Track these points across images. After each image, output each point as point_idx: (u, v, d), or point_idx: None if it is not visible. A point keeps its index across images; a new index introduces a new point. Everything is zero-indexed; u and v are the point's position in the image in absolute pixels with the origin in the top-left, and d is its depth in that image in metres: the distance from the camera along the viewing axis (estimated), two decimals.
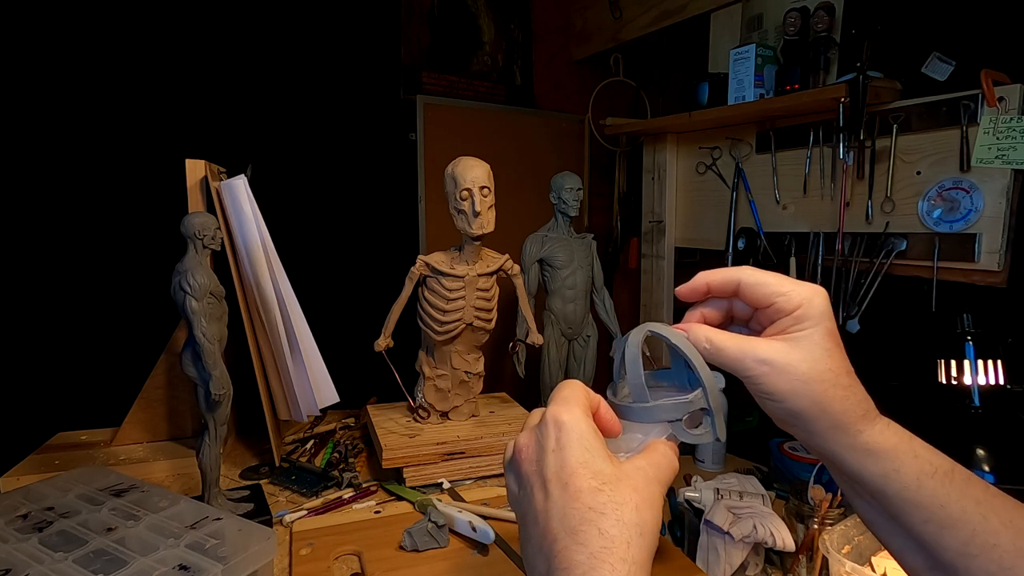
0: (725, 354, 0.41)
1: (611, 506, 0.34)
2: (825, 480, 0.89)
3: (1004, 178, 0.88)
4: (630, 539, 0.34)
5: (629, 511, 0.34)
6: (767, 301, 0.41)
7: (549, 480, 0.36)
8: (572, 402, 0.39)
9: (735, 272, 0.43)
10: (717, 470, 1.22)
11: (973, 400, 0.95)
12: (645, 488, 0.36)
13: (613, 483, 0.35)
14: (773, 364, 0.39)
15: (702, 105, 1.25)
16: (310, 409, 1.04)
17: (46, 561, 0.58)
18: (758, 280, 0.42)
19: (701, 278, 0.45)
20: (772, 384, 0.39)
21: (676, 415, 0.42)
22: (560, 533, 0.35)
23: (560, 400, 0.39)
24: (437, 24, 1.61)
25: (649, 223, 1.50)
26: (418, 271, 0.97)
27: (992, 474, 0.89)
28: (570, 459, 0.36)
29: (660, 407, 0.42)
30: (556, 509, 0.35)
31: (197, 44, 1.31)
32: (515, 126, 1.72)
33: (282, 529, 0.82)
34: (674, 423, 0.42)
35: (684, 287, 0.46)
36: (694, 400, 0.42)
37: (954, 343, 0.97)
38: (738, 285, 0.43)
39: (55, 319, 1.23)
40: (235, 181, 0.96)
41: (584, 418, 0.38)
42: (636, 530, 0.34)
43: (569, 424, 0.37)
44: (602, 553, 0.33)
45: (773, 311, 0.41)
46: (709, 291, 0.45)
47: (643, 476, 0.37)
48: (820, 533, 0.75)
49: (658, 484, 0.38)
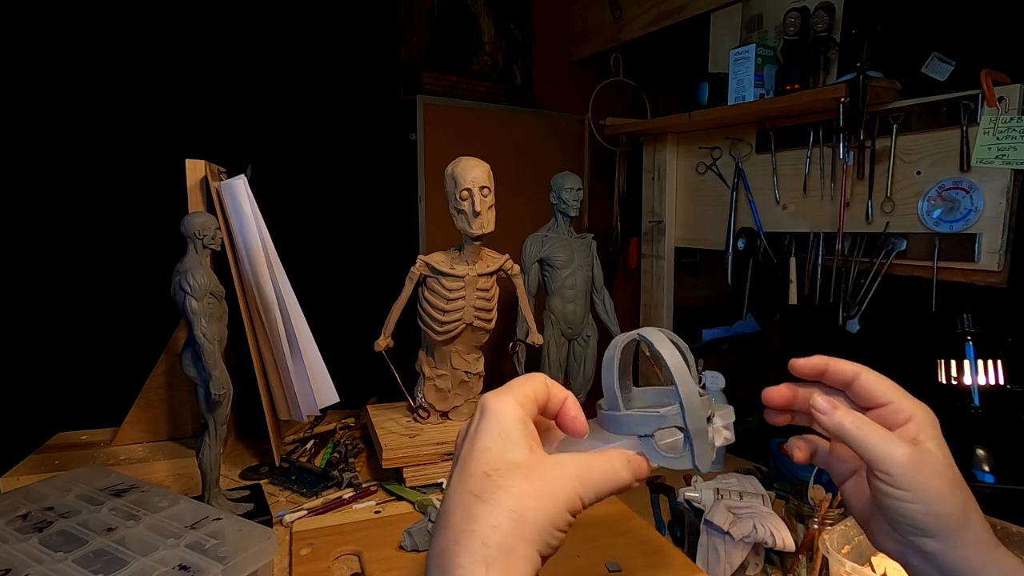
0: (873, 439, 0.39)
1: (491, 490, 0.33)
2: (825, 480, 0.89)
3: (1004, 178, 0.88)
4: (499, 522, 0.32)
5: (507, 496, 0.32)
6: (882, 400, 0.42)
7: (457, 462, 0.36)
8: (510, 390, 0.37)
9: (855, 366, 0.44)
10: (717, 470, 1.22)
11: (973, 400, 0.94)
12: (547, 480, 0.34)
13: (507, 470, 0.34)
14: (925, 461, 0.38)
15: (702, 105, 1.25)
16: (310, 409, 1.04)
17: (46, 561, 0.58)
18: (877, 380, 0.43)
19: (820, 360, 0.45)
20: (923, 481, 0.37)
21: (645, 429, 0.39)
22: (439, 518, 0.34)
23: (502, 388, 0.38)
24: (437, 24, 1.61)
25: (649, 223, 1.50)
26: (418, 271, 0.97)
27: (992, 474, 0.89)
28: (478, 444, 0.35)
29: (628, 418, 0.39)
30: (448, 493, 0.34)
31: (197, 44, 1.31)
32: (515, 126, 1.72)
33: (282, 529, 0.82)
34: (644, 439, 0.39)
35: (802, 362, 0.46)
36: (666, 416, 0.38)
37: (954, 343, 0.97)
38: (855, 380, 0.43)
39: (55, 319, 1.23)
40: (235, 181, 0.96)
41: (511, 406, 0.36)
42: (508, 516, 0.32)
43: (491, 410, 0.36)
44: (463, 536, 0.32)
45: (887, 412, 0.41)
46: (824, 375, 0.45)
47: (556, 470, 0.35)
48: (820, 533, 0.75)
49: (574, 482, 0.35)
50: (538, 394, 0.38)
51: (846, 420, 0.40)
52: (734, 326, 1.61)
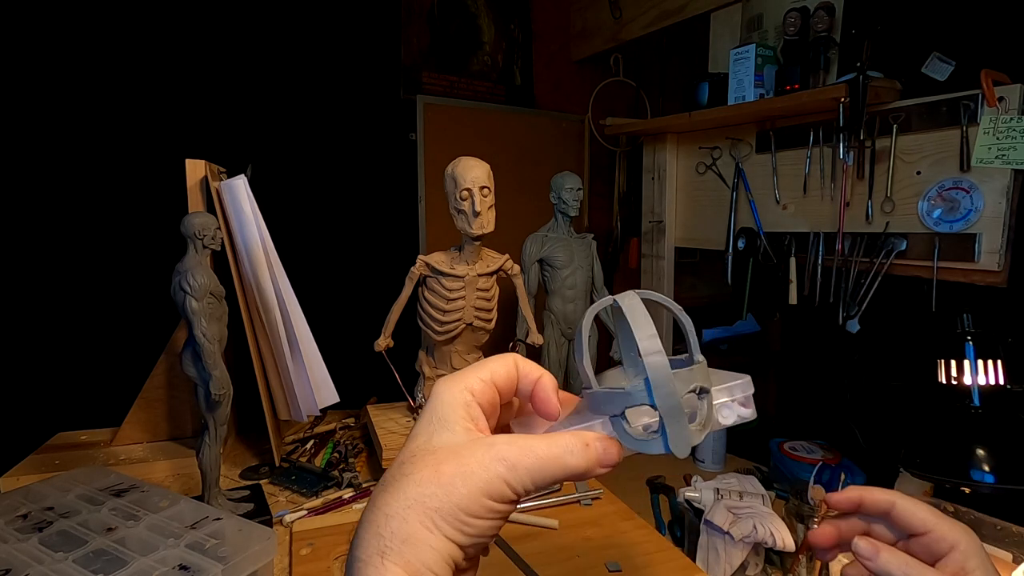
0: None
1: (398, 479, 0.32)
2: (825, 480, 0.89)
3: (1004, 178, 0.88)
4: (391, 511, 0.31)
5: (408, 483, 0.31)
6: (921, 529, 0.43)
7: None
8: (463, 373, 0.36)
9: (889, 495, 0.45)
10: (717, 470, 1.22)
11: (973, 400, 0.94)
12: (459, 466, 0.31)
13: (422, 456, 0.32)
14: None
15: (702, 105, 1.25)
16: (310, 409, 1.04)
17: (46, 561, 0.58)
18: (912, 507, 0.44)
19: (855, 492, 0.47)
20: None
21: (613, 408, 0.34)
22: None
23: (457, 372, 0.36)
24: (437, 24, 1.61)
25: (649, 223, 1.50)
26: (418, 271, 0.97)
27: (992, 474, 0.89)
28: (412, 431, 0.34)
29: (597, 395, 0.35)
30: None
31: (197, 44, 1.31)
32: (515, 126, 1.72)
33: (282, 529, 0.82)
34: (615, 419, 0.34)
35: (838, 496, 0.48)
36: (633, 393, 0.33)
37: (954, 343, 0.97)
38: (892, 508, 0.45)
39: (55, 319, 1.23)
40: (235, 181, 0.96)
41: (454, 390, 0.34)
42: (403, 503, 0.31)
43: (433, 395, 0.35)
44: (362, 528, 0.31)
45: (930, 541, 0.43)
46: (860, 507, 0.47)
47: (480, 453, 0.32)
48: None
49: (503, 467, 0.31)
50: (497, 375, 0.36)
51: (891, 564, 0.42)
52: (734, 326, 1.62)
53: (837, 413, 1.30)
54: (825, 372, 1.43)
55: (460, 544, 0.31)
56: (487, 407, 0.35)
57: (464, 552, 0.31)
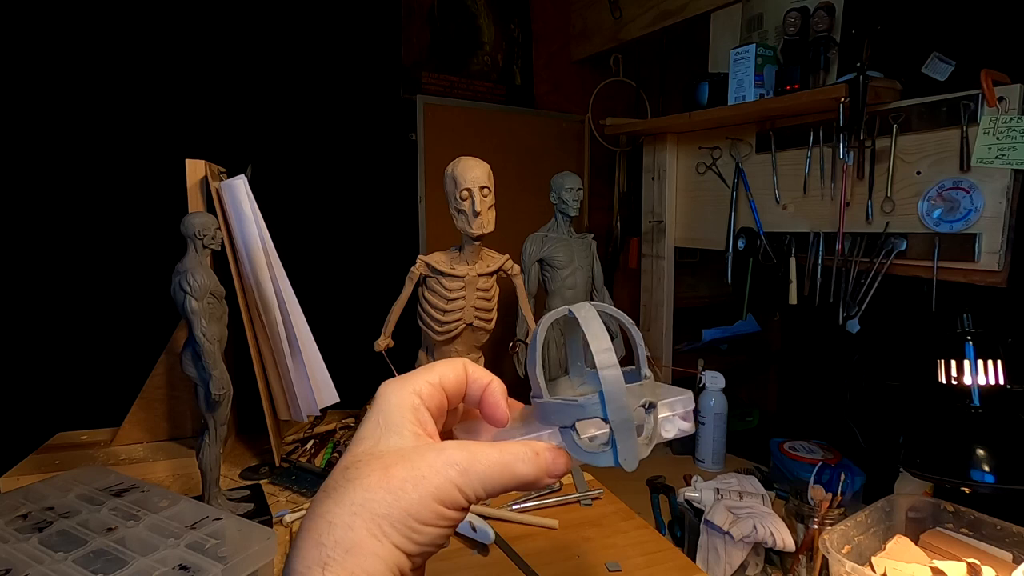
0: None
1: (340, 484, 0.30)
2: (825, 480, 0.89)
3: (1004, 178, 0.88)
4: (335, 519, 0.29)
5: (353, 489, 0.30)
6: None
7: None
8: (410, 376, 0.35)
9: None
10: (717, 470, 1.22)
11: (973, 400, 0.94)
12: (412, 470, 0.30)
13: (368, 461, 0.31)
14: None
15: (702, 105, 1.25)
16: (310, 409, 1.04)
17: (46, 561, 0.58)
18: None
19: None
20: None
21: (564, 420, 0.34)
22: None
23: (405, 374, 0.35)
24: (437, 24, 1.61)
25: (649, 223, 1.50)
26: (418, 271, 0.97)
27: (992, 474, 0.89)
28: (356, 435, 0.33)
29: (548, 406, 0.35)
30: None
31: (197, 44, 1.31)
32: (515, 126, 1.72)
33: (282, 529, 0.82)
34: (564, 431, 0.34)
35: None
36: (586, 405, 0.33)
37: (954, 343, 0.97)
38: None
39: (55, 319, 1.23)
40: (235, 181, 0.96)
41: (400, 392, 0.33)
42: (348, 509, 0.29)
43: (379, 397, 0.34)
44: (300, 538, 0.29)
45: None
46: None
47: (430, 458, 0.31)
48: (820, 533, 0.75)
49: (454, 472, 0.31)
50: (446, 379, 0.35)
51: None
52: (734, 326, 1.62)
53: (837, 413, 1.30)
54: (825, 372, 1.43)
55: (408, 552, 0.30)
56: (435, 411, 0.35)
57: (411, 562, 0.30)
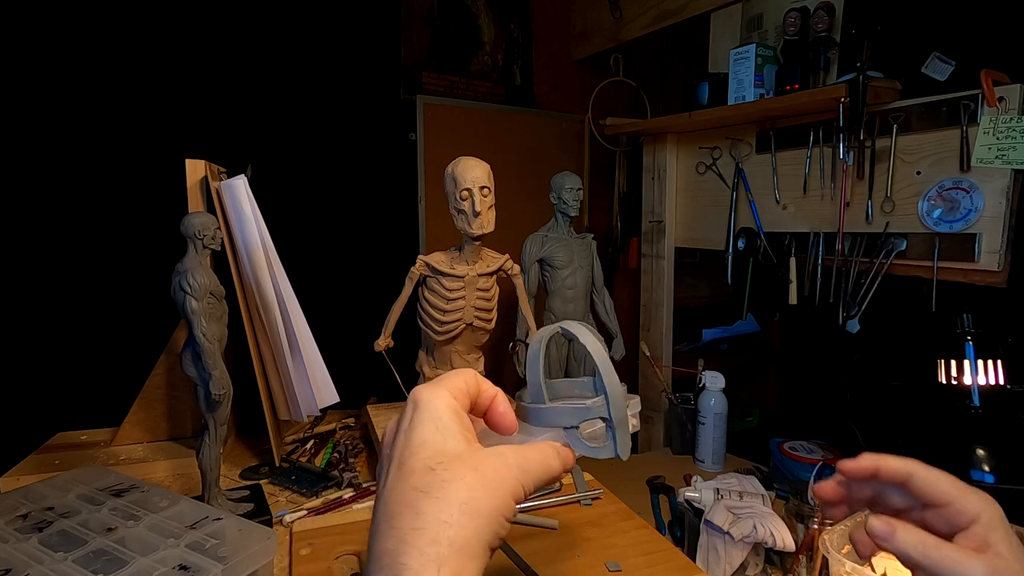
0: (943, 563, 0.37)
1: (436, 484, 0.31)
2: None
3: (1004, 178, 0.88)
4: (449, 519, 0.30)
5: (456, 489, 0.31)
6: (942, 501, 0.41)
7: (392, 460, 0.34)
8: (441, 384, 0.37)
9: (908, 464, 0.43)
10: (717, 470, 1.22)
11: (973, 400, 0.95)
12: (492, 470, 0.33)
13: (450, 462, 0.32)
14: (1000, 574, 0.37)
15: (702, 105, 1.25)
16: (310, 409, 1.04)
17: (46, 561, 0.58)
18: (931, 477, 0.41)
19: (870, 461, 0.44)
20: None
21: (571, 421, 0.40)
22: (381, 518, 0.32)
23: (431, 382, 0.37)
24: (437, 24, 1.61)
25: (649, 223, 1.50)
26: (418, 271, 0.97)
27: (992, 474, 0.89)
28: (414, 438, 0.34)
29: (554, 410, 0.40)
30: (386, 492, 0.33)
31: (197, 44, 1.31)
32: (515, 126, 1.72)
33: (282, 529, 0.82)
34: (569, 431, 0.40)
35: (850, 465, 0.45)
36: (592, 407, 0.40)
37: (954, 343, 0.97)
38: (909, 480, 0.42)
39: (55, 319, 1.23)
40: (235, 181, 0.96)
41: (445, 399, 0.36)
42: (460, 509, 0.31)
43: (424, 402, 0.35)
44: (411, 535, 0.30)
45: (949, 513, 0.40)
46: (876, 476, 0.44)
47: (498, 460, 0.34)
48: (820, 533, 0.75)
49: (517, 471, 0.34)
50: (469, 388, 0.38)
51: (908, 545, 0.39)
52: (734, 326, 1.62)
53: (837, 413, 1.30)
54: (825, 372, 1.44)
55: (492, 550, 0.32)
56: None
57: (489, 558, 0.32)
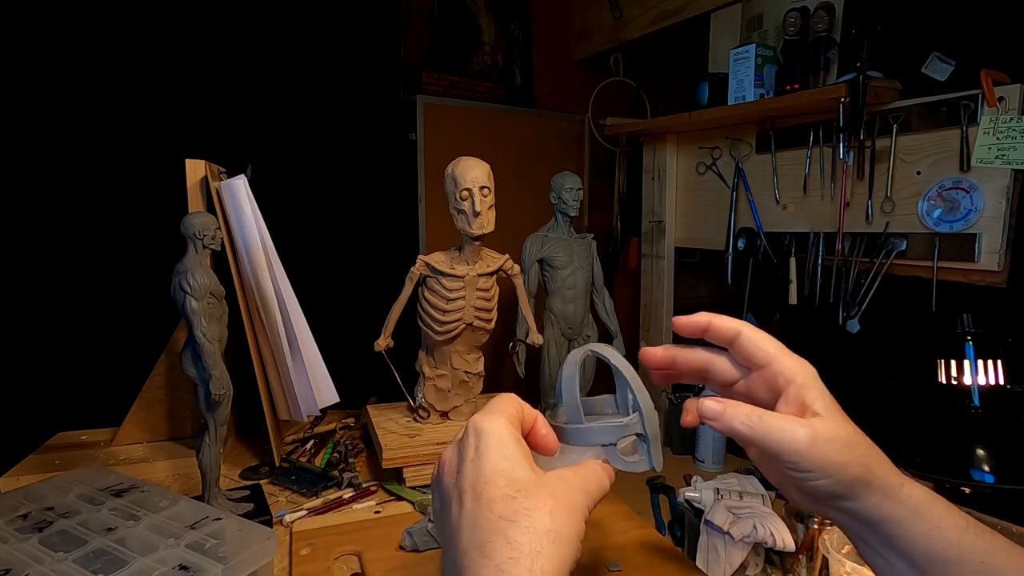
0: (768, 435, 0.38)
1: (522, 513, 0.33)
2: None
3: (1004, 178, 0.88)
4: (540, 548, 0.32)
5: (541, 517, 0.33)
6: (763, 360, 0.42)
7: (465, 491, 0.35)
8: (496, 411, 0.39)
9: (737, 323, 0.43)
10: (717, 470, 1.22)
11: (973, 400, 0.95)
12: (564, 495, 0.35)
13: (528, 490, 0.34)
14: (820, 436, 0.38)
15: (702, 105, 1.25)
16: (310, 409, 1.04)
17: (46, 561, 0.58)
18: (757, 336, 0.42)
19: (704, 316, 0.44)
20: (822, 457, 0.37)
21: (610, 439, 0.42)
22: (470, 547, 0.33)
23: (486, 409, 0.39)
24: (437, 24, 1.61)
25: (649, 223, 1.50)
26: (418, 271, 0.97)
27: (992, 474, 0.89)
28: (486, 467, 0.35)
29: (593, 429, 0.42)
30: (468, 521, 0.34)
31: (197, 44, 1.31)
32: (515, 126, 1.72)
33: (282, 529, 0.82)
34: (608, 447, 0.42)
35: (684, 320, 0.45)
36: (629, 424, 0.42)
37: (954, 343, 0.97)
38: (737, 337, 0.43)
39: (55, 319, 1.23)
40: (235, 181, 0.96)
41: (506, 426, 0.38)
42: (548, 537, 0.32)
43: (488, 431, 0.37)
44: (508, 564, 0.31)
45: (769, 376, 0.41)
46: (707, 331, 0.44)
47: (565, 484, 0.36)
48: (820, 533, 0.75)
49: (582, 494, 0.37)
50: (525, 415, 0.40)
51: (736, 422, 0.40)
52: None
53: None
54: (825, 372, 1.43)
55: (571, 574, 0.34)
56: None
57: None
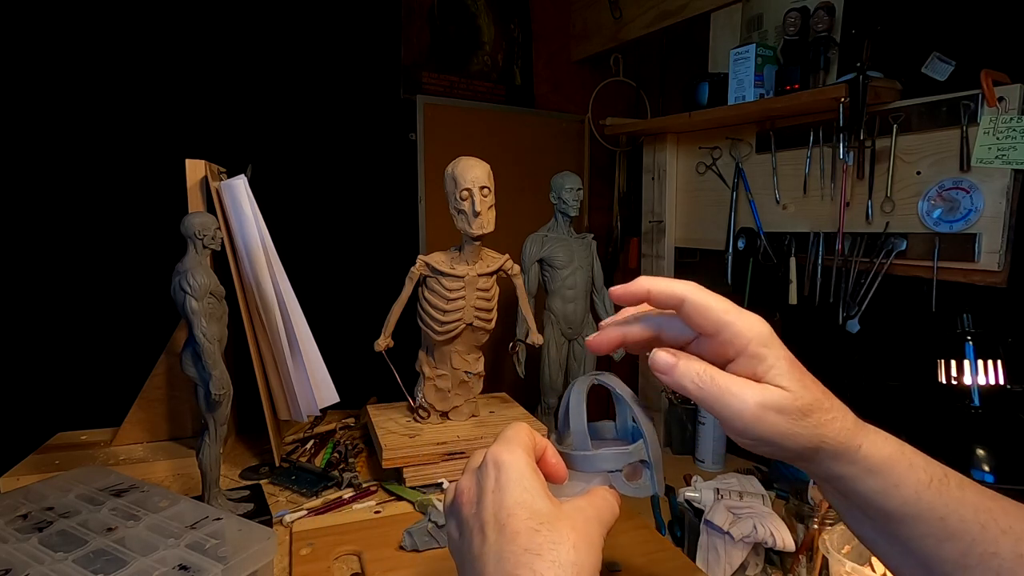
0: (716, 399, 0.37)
1: (547, 546, 0.33)
2: None
3: (1004, 178, 0.88)
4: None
5: (566, 550, 0.34)
6: (713, 328, 0.38)
7: (487, 523, 0.35)
8: (514, 442, 0.39)
9: (680, 287, 0.39)
10: (717, 470, 1.22)
11: (973, 400, 0.94)
12: (584, 527, 0.36)
13: (551, 522, 0.35)
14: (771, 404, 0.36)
15: (702, 105, 1.25)
16: (310, 409, 1.04)
17: (46, 561, 0.58)
18: (703, 302, 0.38)
19: (642, 283, 0.41)
20: (771, 428, 0.37)
21: (616, 465, 0.43)
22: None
23: (502, 440, 0.39)
24: (437, 24, 1.61)
25: (649, 223, 1.50)
26: (418, 271, 0.97)
27: (992, 474, 0.89)
28: (508, 500, 0.36)
29: (600, 456, 0.43)
30: (492, 553, 0.34)
31: (197, 44, 1.31)
32: (515, 126, 1.72)
33: (282, 529, 0.82)
34: (613, 474, 0.43)
35: (620, 288, 0.42)
36: (634, 451, 0.43)
37: (954, 343, 0.97)
38: (682, 305, 0.39)
39: (55, 319, 1.23)
40: (235, 181, 0.96)
41: (525, 458, 0.38)
42: (572, 570, 0.33)
43: (509, 463, 0.37)
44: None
45: (721, 343, 0.38)
46: (648, 299, 0.41)
47: (583, 516, 0.37)
48: (820, 533, 0.75)
49: (598, 524, 0.37)
50: (536, 443, 0.41)
51: (686, 379, 0.38)
52: None
53: None
54: (825, 372, 1.43)
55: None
56: None
57: None
